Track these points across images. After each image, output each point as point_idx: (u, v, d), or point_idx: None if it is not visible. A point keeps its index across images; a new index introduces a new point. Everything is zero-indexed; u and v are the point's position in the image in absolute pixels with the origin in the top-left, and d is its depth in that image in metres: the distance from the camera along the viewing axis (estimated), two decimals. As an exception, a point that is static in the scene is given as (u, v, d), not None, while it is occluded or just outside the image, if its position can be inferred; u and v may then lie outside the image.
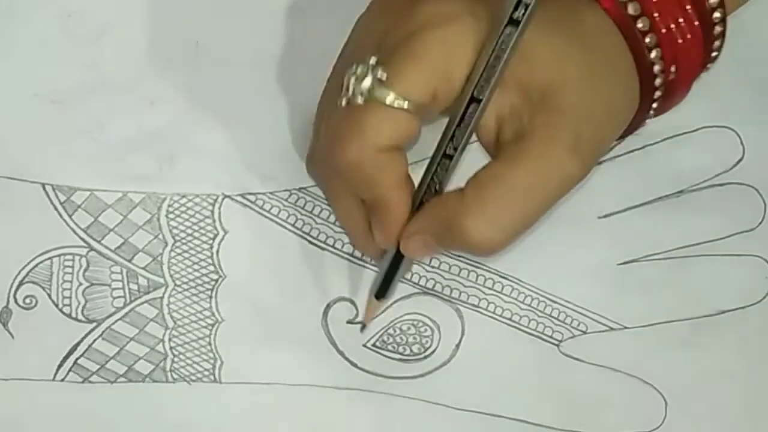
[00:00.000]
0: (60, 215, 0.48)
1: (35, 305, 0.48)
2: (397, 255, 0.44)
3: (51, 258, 0.48)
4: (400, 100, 0.40)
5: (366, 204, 0.44)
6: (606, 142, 0.43)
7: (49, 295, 0.48)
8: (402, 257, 0.44)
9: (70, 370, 0.47)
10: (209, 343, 0.48)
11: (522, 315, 0.50)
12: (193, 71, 0.50)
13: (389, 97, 0.40)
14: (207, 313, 0.48)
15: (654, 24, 0.42)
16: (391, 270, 0.45)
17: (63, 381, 0.47)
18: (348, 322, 0.49)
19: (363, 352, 0.49)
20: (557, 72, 0.41)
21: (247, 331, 0.48)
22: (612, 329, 0.50)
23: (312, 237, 0.49)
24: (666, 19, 0.42)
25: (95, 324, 0.48)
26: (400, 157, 0.42)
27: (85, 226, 0.48)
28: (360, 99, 0.40)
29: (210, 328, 0.48)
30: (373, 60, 0.41)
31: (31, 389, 0.47)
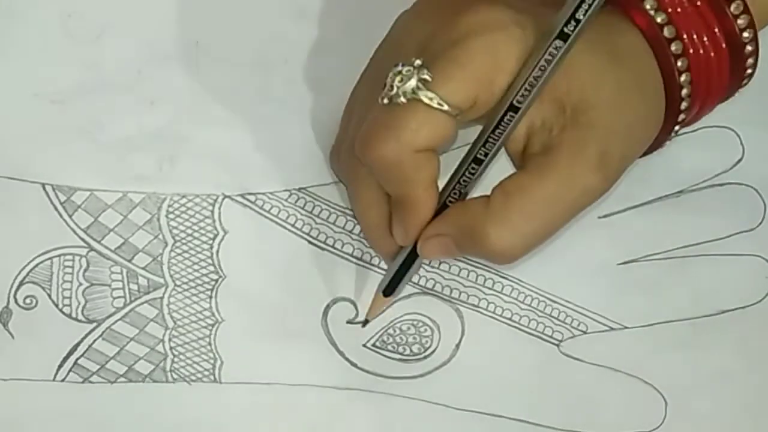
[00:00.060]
0: (60, 215, 0.48)
1: (35, 305, 0.48)
2: (411, 254, 0.45)
3: (51, 258, 0.48)
4: (441, 103, 0.41)
5: (392, 200, 0.44)
6: (630, 159, 0.44)
7: (49, 296, 0.48)
8: (415, 257, 0.45)
9: (70, 370, 0.47)
10: (209, 343, 0.48)
11: (522, 315, 0.49)
12: (193, 71, 0.50)
13: (432, 100, 0.41)
14: (207, 313, 0.48)
15: (685, 48, 0.43)
16: (403, 268, 0.45)
17: (63, 381, 0.47)
18: (348, 322, 0.49)
19: (363, 352, 0.49)
20: (593, 91, 0.42)
21: (247, 331, 0.48)
22: (612, 329, 0.50)
23: (312, 237, 0.49)
24: (696, 45, 0.43)
25: (95, 324, 0.48)
26: (434, 159, 0.43)
27: (85, 226, 0.48)
28: (403, 98, 0.41)
29: (210, 328, 0.48)
30: (419, 62, 0.41)
31: (32, 389, 0.47)
